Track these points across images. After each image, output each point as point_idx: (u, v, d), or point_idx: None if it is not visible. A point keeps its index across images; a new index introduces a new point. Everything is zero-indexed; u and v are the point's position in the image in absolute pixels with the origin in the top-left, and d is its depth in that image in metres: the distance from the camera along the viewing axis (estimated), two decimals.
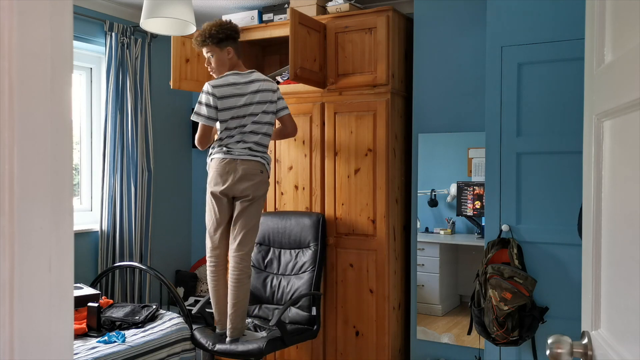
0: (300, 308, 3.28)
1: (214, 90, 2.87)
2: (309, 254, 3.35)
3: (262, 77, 2.98)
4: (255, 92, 2.91)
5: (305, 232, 3.38)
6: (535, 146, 2.64)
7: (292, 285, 3.35)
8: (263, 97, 2.91)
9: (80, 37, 3.72)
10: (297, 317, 3.27)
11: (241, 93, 2.90)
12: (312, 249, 3.35)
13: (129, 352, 2.75)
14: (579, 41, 2.54)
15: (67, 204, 0.73)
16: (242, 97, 2.89)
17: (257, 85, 2.92)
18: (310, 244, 3.37)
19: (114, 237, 3.89)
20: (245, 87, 2.91)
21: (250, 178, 2.88)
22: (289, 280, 3.37)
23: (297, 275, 3.36)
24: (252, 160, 2.89)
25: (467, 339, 3.17)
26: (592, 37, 1.10)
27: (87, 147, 4.01)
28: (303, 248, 3.40)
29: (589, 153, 1.11)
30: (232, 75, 2.93)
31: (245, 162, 2.88)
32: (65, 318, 0.73)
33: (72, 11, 0.74)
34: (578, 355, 1.06)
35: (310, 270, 3.31)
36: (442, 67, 3.28)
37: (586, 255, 1.13)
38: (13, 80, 0.66)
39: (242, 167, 2.87)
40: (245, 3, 3.82)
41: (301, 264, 3.36)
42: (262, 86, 2.93)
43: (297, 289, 3.31)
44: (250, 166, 2.88)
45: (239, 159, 2.87)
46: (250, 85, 2.92)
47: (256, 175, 2.90)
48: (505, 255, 2.64)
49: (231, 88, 2.89)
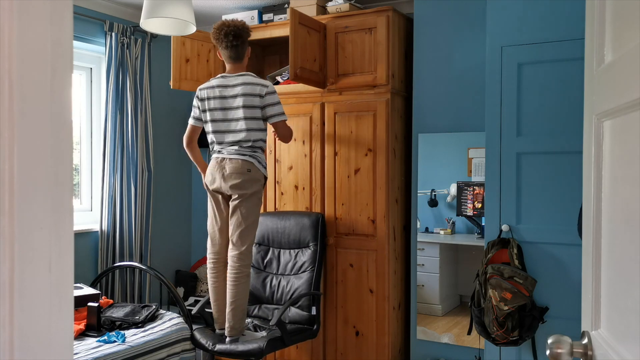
0: (300, 308, 3.28)
1: (198, 92, 3.06)
2: (308, 254, 3.35)
3: (249, 81, 2.95)
4: (236, 96, 2.94)
5: (305, 231, 3.38)
6: (535, 146, 2.64)
7: (291, 285, 3.35)
8: (246, 101, 2.93)
9: (80, 37, 3.72)
10: (297, 317, 3.27)
11: (222, 96, 2.97)
12: (312, 249, 3.35)
13: (129, 352, 2.75)
14: (579, 41, 2.54)
15: (67, 204, 0.73)
16: (224, 99, 2.96)
17: (240, 89, 2.94)
18: (309, 244, 3.37)
19: (114, 237, 3.89)
20: (228, 90, 2.96)
21: (236, 177, 2.92)
22: (289, 280, 3.37)
23: (297, 275, 3.36)
24: (240, 159, 2.93)
25: (467, 339, 3.17)
26: (592, 37, 1.10)
27: (87, 147, 4.00)
28: (302, 248, 3.40)
29: (589, 153, 1.11)
30: (219, 78, 3.01)
31: (233, 160, 2.93)
32: (65, 318, 0.73)
33: (72, 11, 0.74)
34: (578, 355, 1.06)
35: (310, 270, 3.31)
36: (442, 67, 3.28)
37: (586, 255, 1.13)
38: (13, 80, 0.66)
39: (229, 166, 2.93)
40: (245, 3, 3.82)
41: (301, 264, 3.36)
42: (246, 89, 2.93)
43: (297, 288, 3.31)
44: (236, 165, 2.92)
45: (227, 158, 2.94)
46: (233, 88, 2.96)
47: (243, 173, 2.92)
48: (505, 255, 2.64)
49: (213, 90, 2.99)
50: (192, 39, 3.57)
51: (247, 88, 2.93)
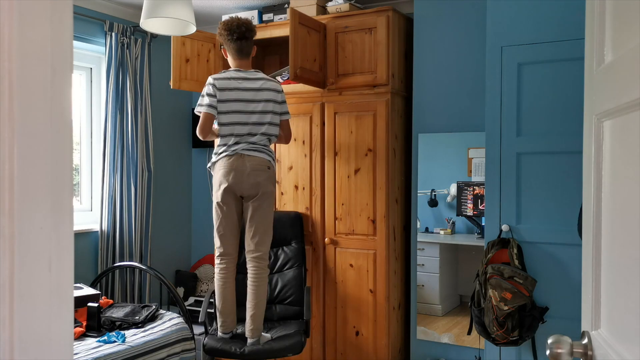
0: (290, 304, 3.33)
1: (214, 81, 2.89)
2: (292, 251, 3.41)
3: (266, 77, 2.98)
4: (260, 90, 2.90)
5: (285, 230, 3.43)
6: (535, 146, 2.64)
7: (278, 282, 3.39)
8: (268, 95, 2.91)
9: (80, 37, 3.72)
10: (287, 312, 3.33)
11: (243, 88, 2.89)
12: (295, 246, 3.41)
13: (129, 352, 2.75)
14: (579, 41, 2.54)
15: (67, 204, 0.73)
16: (244, 92, 2.89)
17: (262, 83, 2.92)
18: (291, 242, 3.43)
19: (114, 237, 3.89)
20: (248, 83, 2.91)
21: (258, 174, 2.85)
22: (274, 277, 3.42)
23: (281, 272, 3.41)
24: (259, 155, 2.87)
25: (467, 339, 3.17)
26: (592, 37, 1.10)
27: (87, 147, 4.00)
28: (283, 246, 3.45)
29: (589, 153, 1.11)
30: (234, 71, 2.94)
31: (252, 157, 2.85)
32: (65, 318, 0.73)
33: (72, 11, 0.74)
34: (578, 355, 1.06)
35: (297, 267, 3.37)
36: (442, 67, 3.28)
37: (586, 255, 1.13)
38: (13, 80, 0.66)
39: (249, 163, 2.84)
40: (245, 3, 3.82)
41: (285, 261, 3.41)
42: (267, 84, 2.93)
43: (286, 285, 3.35)
44: (257, 161, 2.85)
45: (246, 155, 2.85)
46: (255, 82, 2.92)
47: (264, 170, 2.87)
48: (505, 255, 2.64)
49: (232, 82, 2.90)
50: (192, 39, 3.57)
51: (269, 84, 2.92)
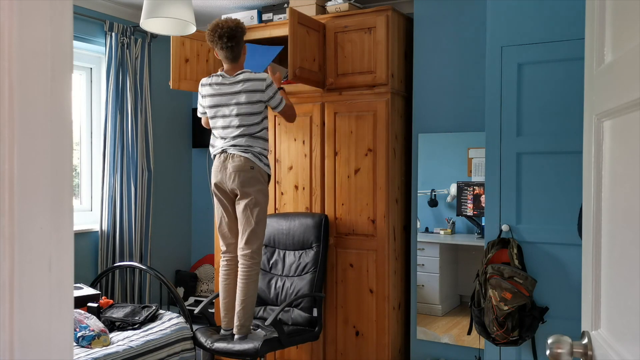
0: (302, 309, 3.28)
1: (200, 88, 3.09)
2: (311, 255, 3.35)
3: (249, 77, 2.97)
4: (239, 93, 2.94)
5: (308, 232, 3.38)
6: (535, 146, 2.64)
7: (294, 286, 3.34)
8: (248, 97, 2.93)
9: (80, 37, 3.72)
10: (299, 319, 3.27)
11: (221, 93, 2.97)
12: (314, 250, 3.35)
13: (129, 352, 2.75)
14: (579, 41, 2.54)
15: (67, 204, 0.73)
16: (222, 97, 2.97)
17: (241, 85, 2.94)
18: (312, 245, 3.36)
19: (114, 237, 3.89)
20: (227, 87, 2.97)
21: (239, 174, 2.91)
22: (292, 281, 3.37)
23: (300, 276, 3.35)
24: (242, 155, 2.92)
25: (467, 339, 3.17)
26: (592, 37, 1.10)
27: (87, 148, 4.00)
28: (306, 249, 3.39)
29: (589, 153, 1.11)
30: (215, 76, 3.02)
31: (235, 157, 2.92)
32: (65, 318, 0.73)
33: (72, 11, 0.74)
34: (578, 355, 1.06)
35: (312, 272, 3.31)
36: (442, 67, 3.28)
37: (586, 255, 1.13)
38: (13, 80, 0.66)
39: (231, 164, 2.92)
40: (244, 3, 3.82)
41: (304, 265, 3.36)
42: (247, 86, 2.94)
43: (300, 290, 3.30)
44: (239, 162, 2.91)
45: (229, 155, 2.94)
46: (233, 86, 2.96)
47: (246, 171, 2.91)
48: (505, 255, 2.64)
49: (212, 87, 3.01)
50: (192, 39, 3.57)
51: (247, 85, 2.94)
